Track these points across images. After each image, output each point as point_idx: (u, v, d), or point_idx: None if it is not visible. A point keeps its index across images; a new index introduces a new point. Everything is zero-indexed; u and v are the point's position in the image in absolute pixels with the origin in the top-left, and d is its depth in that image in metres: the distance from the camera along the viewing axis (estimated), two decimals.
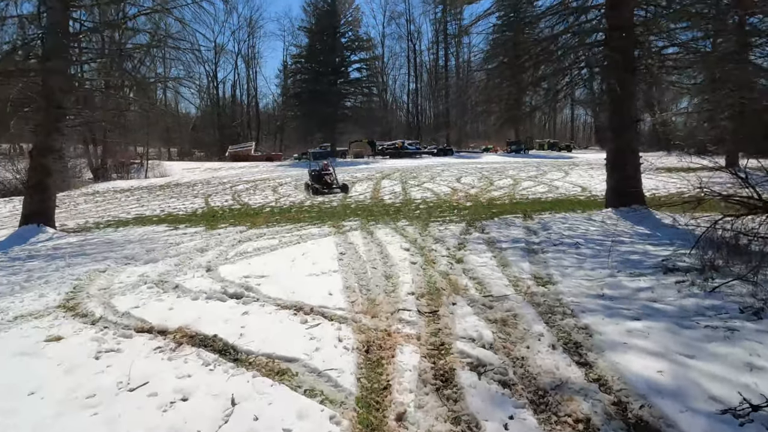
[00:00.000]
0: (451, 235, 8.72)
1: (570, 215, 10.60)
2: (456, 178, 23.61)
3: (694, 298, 5.15)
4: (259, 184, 23.45)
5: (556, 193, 17.31)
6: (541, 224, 9.60)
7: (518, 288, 5.73)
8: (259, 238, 8.98)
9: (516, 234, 8.79)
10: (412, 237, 8.63)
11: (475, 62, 65.23)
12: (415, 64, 73.37)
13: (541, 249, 7.58)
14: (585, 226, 9.27)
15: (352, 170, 31.78)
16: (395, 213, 12.44)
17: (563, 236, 8.38)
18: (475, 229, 9.39)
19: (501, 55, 45.80)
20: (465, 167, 32.14)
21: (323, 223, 10.82)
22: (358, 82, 53.01)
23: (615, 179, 10.46)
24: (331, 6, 50.38)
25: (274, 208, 14.82)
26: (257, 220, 12.08)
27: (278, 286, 5.55)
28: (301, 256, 7.23)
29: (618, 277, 6.02)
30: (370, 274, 6.19)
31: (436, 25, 68.55)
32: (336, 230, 9.60)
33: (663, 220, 9.85)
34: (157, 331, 4.27)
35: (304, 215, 12.83)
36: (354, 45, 52.30)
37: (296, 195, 18.37)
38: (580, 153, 56.37)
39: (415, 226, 9.91)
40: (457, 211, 12.40)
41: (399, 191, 18.54)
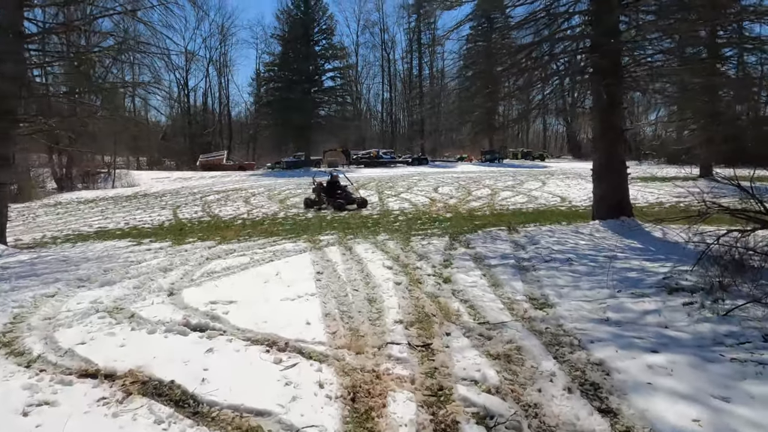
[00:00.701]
0: (435, 251, 8.19)
1: (556, 228, 10.18)
2: (433, 187, 23.18)
3: (707, 323, 4.70)
4: (231, 195, 22.64)
5: (536, 203, 16.98)
6: (527, 238, 9.15)
7: (514, 312, 5.22)
8: (228, 255, 8.31)
9: (503, 249, 8.30)
10: (394, 253, 8.07)
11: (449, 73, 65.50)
12: (389, 73, 73.24)
13: (532, 266, 7.10)
14: (574, 240, 8.85)
15: None
16: (374, 226, 11.87)
17: (553, 251, 7.92)
18: (459, 243, 8.89)
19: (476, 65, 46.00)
20: (441, 177, 31.78)
21: (298, 237, 10.19)
22: (333, 90, 52.42)
23: (602, 190, 10.10)
24: (305, 14, 49.76)
25: (245, 221, 14.11)
26: (228, 234, 11.38)
27: (249, 314, 4.92)
28: (275, 276, 6.61)
29: (620, 298, 5.56)
30: (352, 297, 5.61)
31: (410, 35, 68.48)
32: (312, 245, 8.99)
33: (653, 233, 9.50)
34: (103, 374, 3.61)
35: (277, 228, 12.17)
36: (328, 53, 51.71)
37: (269, 206, 17.65)
38: (553, 162, 56.69)
39: (396, 240, 9.36)
40: (438, 223, 11.90)
41: (376, 201, 17.98)
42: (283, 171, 44.14)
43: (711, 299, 5.27)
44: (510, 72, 11.32)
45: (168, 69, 63.57)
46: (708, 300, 5.26)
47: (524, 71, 11.03)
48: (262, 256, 7.98)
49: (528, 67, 10.92)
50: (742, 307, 4.91)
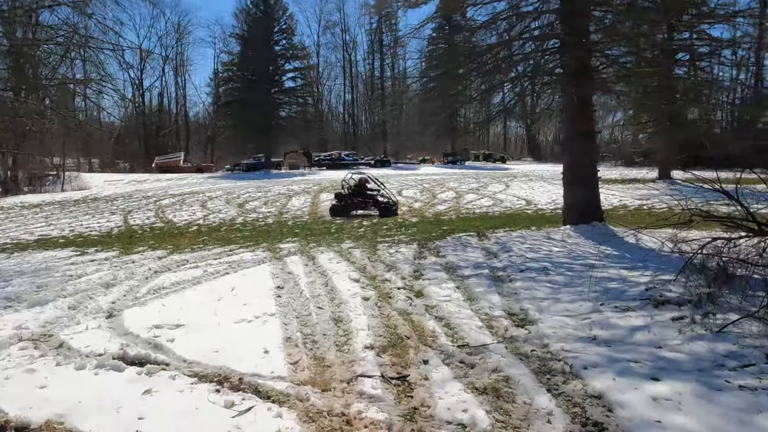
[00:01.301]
0: (404, 260, 7.70)
1: (527, 233, 9.84)
2: (397, 190, 22.72)
3: (701, 341, 4.35)
4: (187, 199, 21.66)
5: (501, 206, 16.74)
6: (499, 245, 8.76)
7: (494, 330, 4.78)
8: (180, 267, 7.63)
9: (475, 257, 7.88)
10: (361, 263, 7.55)
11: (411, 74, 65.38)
12: (351, 75, 72.62)
13: (507, 276, 6.69)
14: (547, 247, 8.50)
15: (288, 182, 30.35)
16: (337, 232, 11.32)
17: (527, 259, 7.54)
18: (429, 251, 8.43)
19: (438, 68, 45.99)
20: (404, 179, 31.40)
21: (257, 246, 9.56)
22: (293, 91, 51.41)
23: (573, 194, 9.82)
24: (264, 13, 48.65)
25: (201, 227, 13.36)
26: (181, 242, 10.65)
27: (198, 341, 4.32)
28: (230, 292, 5.99)
29: (604, 313, 5.19)
30: (316, 317, 5.06)
31: (372, 36, 68.09)
32: (272, 255, 8.38)
33: (626, 239, 9.25)
34: (14, 428, 2.97)
35: (235, 235, 11.49)
36: (288, 53, 50.70)
37: (227, 211, 16.85)
38: (514, 164, 57.12)
39: (362, 248, 8.83)
40: (404, 229, 11.43)
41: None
42: (243, 173, 43.06)
43: (701, 313, 4.94)
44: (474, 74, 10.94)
45: (122, 68, 61.64)
46: (698, 314, 4.93)
47: (489, 73, 10.67)
48: (216, 268, 7.33)
49: (493, 69, 10.56)
50: (736, 323, 4.59)
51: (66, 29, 11.96)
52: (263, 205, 18.35)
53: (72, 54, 15.68)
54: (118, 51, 14.28)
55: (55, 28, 11.36)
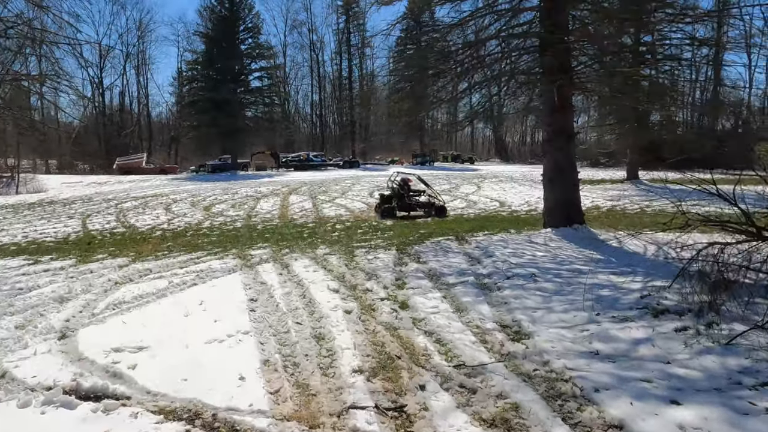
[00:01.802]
0: (384, 267, 7.29)
1: (507, 237, 9.56)
2: (368, 192, 22.33)
3: (710, 355, 4.08)
4: (150, 201, 20.79)
5: (475, 208, 16.50)
6: (480, 249, 8.44)
7: (489, 346, 4.43)
8: (143, 277, 7.06)
9: (458, 263, 7.54)
10: (339, 271, 7.11)
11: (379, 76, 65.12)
12: (319, 75, 71.83)
13: (494, 284, 6.36)
14: (530, 251, 8.22)
15: (255, 184, 29.60)
16: (310, 236, 10.85)
17: (512, 265, 7.22)
18: (409, 257, 8.05)
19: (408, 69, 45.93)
20: (374, 180, 30.99)
21: (226, 252, 9.03)
22: (260, 91, 50.44)
23: (554, 196, 9.58)
24: (229, 11, 47.62)
25: (165, 232, 12.68)
26: (144, 249, 10.01)
27: (164, 366, 3.83)
28: (199, 306, 5.49)
29: (602, 323, 4.89)
30: (295, 334, 4.61)
31: (339, 36, 67.38)
32: (243, 263, 7.88)
33: (609, 242, 9.06)
34: None
35: (202, 240, 10.89)
36: (254, 53, 49.73)
37: (193, 214, 16.15)
38: (482, 165, 57.28)
39: (338, 254, 8.40)
40: (380, 232, 11.04)
41: (310, 208, 16.92)
42: (208, 175, 41.98)
43: (704, 323, 4.69)
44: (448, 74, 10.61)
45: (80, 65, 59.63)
46: (701, 325, 4.68)
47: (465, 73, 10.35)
48: (183, 279, 6.79)
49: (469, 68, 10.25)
50: (744, 335, 4.34)
51: (19, 23, 11.21)
52: (231, 208, 17.68)
53: (26, 50, 14.77)
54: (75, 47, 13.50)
55: (4, 20, 10.57)
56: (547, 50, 8.87)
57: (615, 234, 8.80)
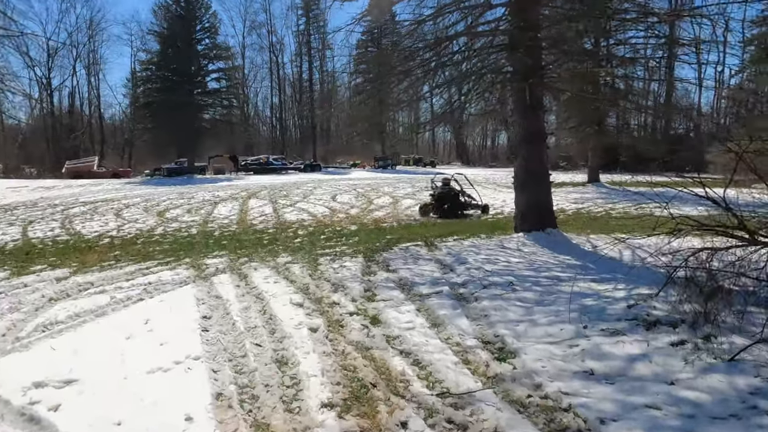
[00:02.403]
0: (351, 277, 6.76)
1: (479, 242, 9.18)
2: (331, 196, 21.76)
3: (716, 373, 3.73)
4: (100, 207, 19.66)
5: None
6: (452, 255, 8.01)
7: (474, 367, 3.98)
8: (82, 292, 6.34)
9: (430, 271, 7.08)
10: (302, 282, 6.55)
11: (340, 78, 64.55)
12: (279, 77, 70.64)
13: (471, 294, 5.92)
14: (504, 257, 7.83)
15: (213, 188, 28.59)
16: (271, 243, 10.23)
17: (487, 273, 6.81)
18: (377, 265, 7.55)
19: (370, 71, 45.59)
20: (337, 184, 30.43)
21: (179, 262, 8.34)
22: (218, 93, 49.09)
23: (526, 200, 9.25)
24: (185, 10, 46.25)
25: (114, 239, 11.81)
26: (89, 259, 9.21)
27: (94, 405, 3.21)
28: (144, 326, 4.85)
29: (591, 338, 4.50)
30: (254, 358, 4.04)
31: (299, 38, 66.51)
32: (197, 273, 7.22)
33: (582, 246, 8.78)
34: None
35: (153, 248, 10.13)
36: (212, 53, 48.39)
37: (145, 220, 15.23)
38: (444, 168, 57.21)
39: (301, 262, 7.83)
40: (345, 238, 10.52)
41: (270, 213, 16.23)
42: (164, 179, 40.49)
43: (700, 337, 4.34)
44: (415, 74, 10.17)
45: (27, 65, 57.06)
46: (698, 338, 4.33)
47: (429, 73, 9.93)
48: (128, 293, 6.10)
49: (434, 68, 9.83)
50: (747, 349, 4.00)
51: None
52: (186, 213, 16.81)
53: None
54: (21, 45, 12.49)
55: None
56: (518, 48, 8.52)
57: (617, 240, 8.36)
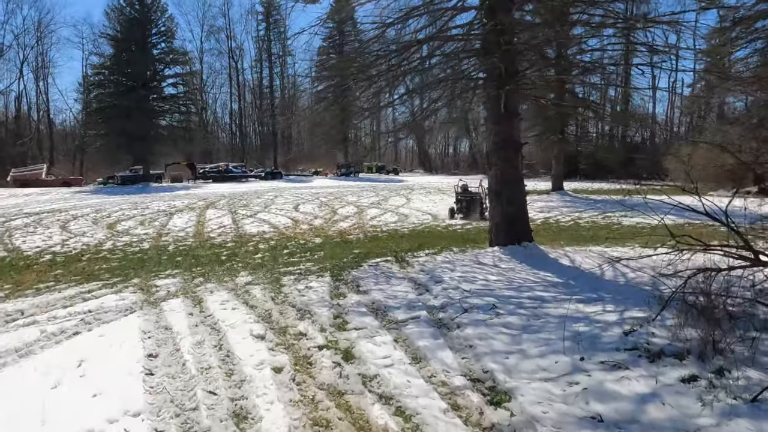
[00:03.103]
0: (319, 301, 6.15)
1: (453, 257, 8.69)
2: (293, 205, 21.01)
3: (740, 418, 3.30)
4: (45, 218, 18.40)
5: (408, 222, 15.63)
6: (426, 273, 7.49)
7: (466, 415, 3.45)
8: (9, 323, 5.52)
9: (404, 292, 6.53)
10: (264, 308, 5.90)
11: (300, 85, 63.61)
12: (238, 83, 69.20)
13: (452, 320, 5.39)
14: (481, 275, 7.35)
15: (170, 197, 27.42)
16: (230, 259, 9.51)
17: (466, 293, 6.30)
18: (346, 285, 6.95)
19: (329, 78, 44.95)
20: (299, 192, 29.67)
21: (126, 283, 7.57)
22: (175, 98, 47.58)
23: (501, 212, 8.81)
24: (140, 13, 44.72)
25: (57, 255, 10.84)
26: (25, 279, 8.32)
27: None
28: (76, 369, 4.12)
29: (592, 373, 4.03)
30: (206, 413, 3.39)
31: (260, 43, 65.32)
32: (145, 298, 6.48)
33: (560, 260, 8.38)
34: None
35: (99, 266, 9.26)
36: (168, 58, 46.90)
37: (93, 233, 14.20)
38: (407, 176, 57.12)
39: (263, 283, 7.17)
40: (309, 253, 9.88)
41: (229, 224, 15.40)
42: (118, 187, 38.86)
43: (712, 370, 3.92)
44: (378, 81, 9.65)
45: None
46: (708, 372, 3.90)
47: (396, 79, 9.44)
48: (62, 325, 5.32)
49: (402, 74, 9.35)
50: None
51: None
52: (139, 225, 15.81)
53: None
54: None
55: None
56: (494, 53, 8.09)
57: (620, 261, 7.81)
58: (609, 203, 21.42)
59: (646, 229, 13.15)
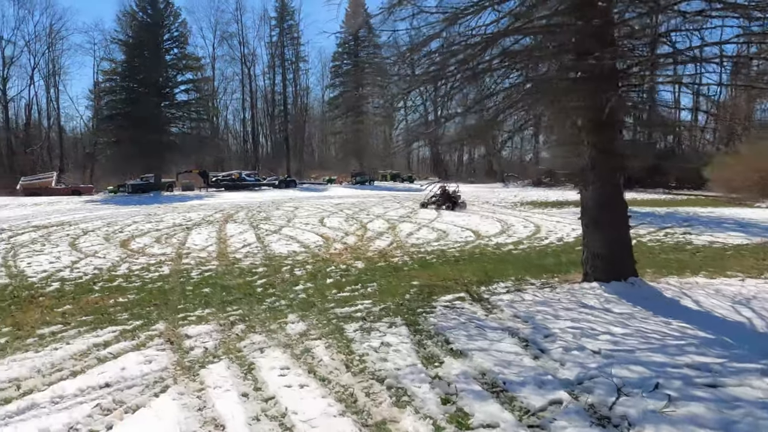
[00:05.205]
0: (410, 371, 4.60)
1: (542, 295, 7.14)
2: (318, 219, 19.55)
3: None
4: (54, 232, 17.01)
5: (450, 240, 14.07)
6: (524, 321, 5.96)
7: None
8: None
9: (513, 354, 4.98)
10: (340, 382, 4.37)
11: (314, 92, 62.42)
12: (251, 90, 68.18)
13: (608, 408, 3.85)
14: (598, 325, 5.79)
15: (184, 208, 26.07)
16: (267, 292, 8.03)
17: (598, 357, 4.76)
18: (431, 340, 5.43)
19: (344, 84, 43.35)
20: (318, 203, 28.25)
21: (148, 327, 6.11)
22: (187, 105, 46.52)
23: (601, 241, 7.24)
24: (152, 18, 43.69)
25: (65, 283, 9.39)
26: (27, 319, 6.88)
27: None
28: None
29: None
30: None
31: (272, 49, 64.28)
32: (177, 360, 4.98)
33: (681, 301, 6.77)
34: None
35: (114, 301, 7.78)
36: (181, 64, 45.87)
37: (106, 252, 12.74)
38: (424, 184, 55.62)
39: (323, 335, 5.66)
40: (359, 285, 8.39)
41: (254, 242, 13.92)
42: (129, 196, 37.66)
43: None
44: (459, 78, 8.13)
45: None
46: None
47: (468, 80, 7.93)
48: (69, 416, 3.83)
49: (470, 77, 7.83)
50: None
51: None
52: (155, 242, 14.35)
53: None
54: None
55: None
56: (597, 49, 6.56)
57: (703, 290, 6.35)
58: (657, 216, 19.85)
59: (729, 251, 11.54)
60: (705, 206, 23.37)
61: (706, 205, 23.95)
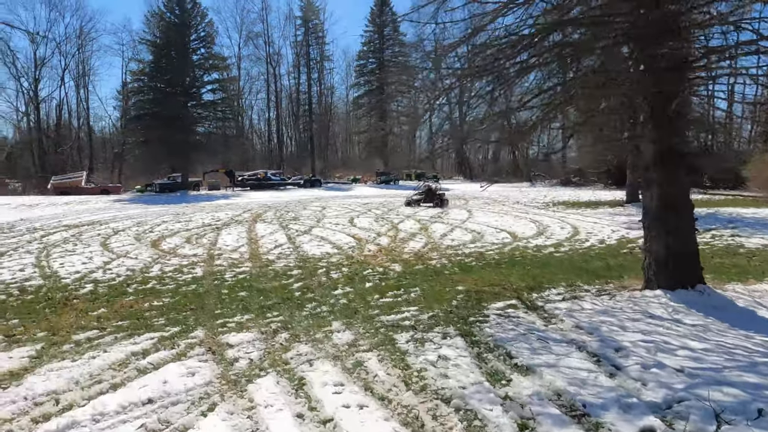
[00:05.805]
0: (475, 387, 4.20)
1: (603, 304, 6.67)
2: (347, 219, 19.22)
3: None
4: (86, 232, 16.97)
5: (486, 242, 13.60)
6: (588, 333, 5.51)
7: None
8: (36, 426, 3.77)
9: (585, 370, 4.55)
10: (401, 402, 3.99)
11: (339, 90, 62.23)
12: (276, 89, 68.18)
13: None
14: (672, 338, 5.31)
15: (210, 207, 25.99)
16: (305, 296, 7.70)
17: (681, 376, 4.31)
18: (491, 353, 5.02)
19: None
20: (345, 202, 27.96)
21: (187, 334, 5.83)
22: (213, 105, 46.60)
23: (666, 244, 6.72)
24: (180, 18, 43.87)
25: (98, 285, 9.19)
26: (62, 323, 6.65)
27: None
28: None
29: None
30: None
31: (297, 49, 64.23)
32: (221, 372, 4.67)
33: (758, 312, 6.26)
34: None
35: (150, 305, 7.52)
36: (207, 64, 46.03)
37: (137, 253, 12.58)
38: (449, 183, 54.97)
39: (373, 346, 5.29)
40: (401, 289, 8.01)
41: (285, 243, 13.63)
42: (156, 195, 37.87)
43: None
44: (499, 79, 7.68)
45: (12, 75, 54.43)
46: None
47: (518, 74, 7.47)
48: None
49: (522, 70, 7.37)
50: None
51: None
52: (185, 242, 14.16)
53: None
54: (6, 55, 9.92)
55: None
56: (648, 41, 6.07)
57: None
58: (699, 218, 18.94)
59: None
60: (746, 207, 22.46)
61: (746, 205, 23.01)
